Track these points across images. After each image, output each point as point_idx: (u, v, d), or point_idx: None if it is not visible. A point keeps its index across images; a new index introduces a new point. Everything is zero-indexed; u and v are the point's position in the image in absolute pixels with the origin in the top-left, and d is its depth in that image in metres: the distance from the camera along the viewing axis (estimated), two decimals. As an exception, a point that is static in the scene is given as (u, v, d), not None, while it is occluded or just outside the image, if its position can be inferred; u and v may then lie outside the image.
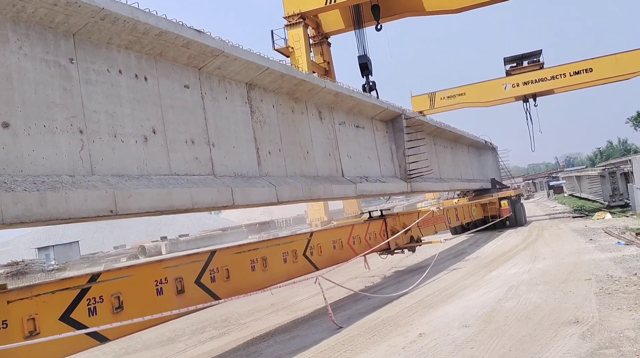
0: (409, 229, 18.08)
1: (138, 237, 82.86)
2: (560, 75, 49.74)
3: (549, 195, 78.45)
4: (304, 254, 12.69)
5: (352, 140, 15.76)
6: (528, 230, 29.24)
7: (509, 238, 26.48)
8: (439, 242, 17.90)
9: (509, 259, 18.69)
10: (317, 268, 12.97)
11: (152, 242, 61.60)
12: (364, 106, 16.16)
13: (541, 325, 9.33)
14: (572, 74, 49.32)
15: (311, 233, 13.26)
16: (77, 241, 75.01)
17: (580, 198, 55.53)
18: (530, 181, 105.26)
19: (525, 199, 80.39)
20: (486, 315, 10.65)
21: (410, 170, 18.14)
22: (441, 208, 19.76)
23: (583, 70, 48.91)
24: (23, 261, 53.51)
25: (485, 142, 33.48)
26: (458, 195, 33.37)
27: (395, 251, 17.95)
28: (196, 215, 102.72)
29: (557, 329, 8.96)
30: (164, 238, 60.96)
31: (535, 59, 52.29)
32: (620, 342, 7.90)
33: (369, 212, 18.07)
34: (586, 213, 37.18)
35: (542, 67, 51.05)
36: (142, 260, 45.92)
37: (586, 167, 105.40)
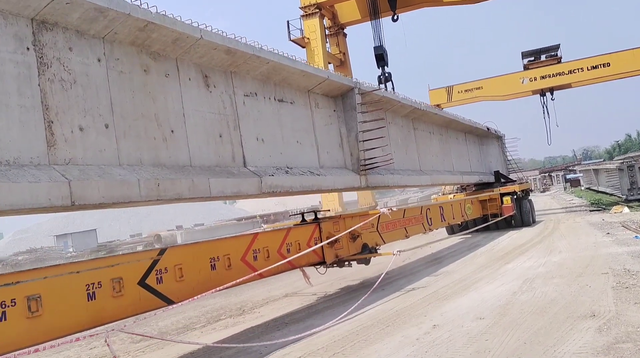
0: (357, 235, 12.88)
1: (154, 226, 79.52)
2: (578, 69, 44.73)
3: (565, 188, 73.80)
4: (142, 283, 7.54)
5: (270, 118, 10.68)
6: (537, 229, 23.85)
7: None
8: (390, 254, 12.49)
9: (524, 252, 16.92)
10: (170, 302, 7.89)
11: (168, 231, 57.37)
12: (289, 73, 10.97)
13: (557, 319, 8.57)
14: (589, 68, 44.31)
15: (162, 250, 8.04)
16: (95, 229, 71.82)
17: (598, 191, 51.88)
18: (546, 174, 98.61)
19: (541, 192, 75.76)
20: (501, 308, 9.76)
21: (365, 160, 13.00)
22: (395, 209, 14.10)
23: (601, 64, 43.64)
24: (42, 248, 50.82)
25: (488, 129, 26.98)
26: (457, 189, 27.47)
27: (345, 264, 12.92)
28: (211, 205, 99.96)
29: (573, 323, 8.25)
30: (179, 227, 57.96)
31: (553, 53, 47.38)
32: (638, 336, 7.22)
33: (302, 214, 12.95)
34: (603, 206, 33.90)
35: (559, 62, 46.08)
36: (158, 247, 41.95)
37: (604, 160, 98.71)
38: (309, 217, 12.62)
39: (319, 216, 12.59)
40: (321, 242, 11.71)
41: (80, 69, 6.99)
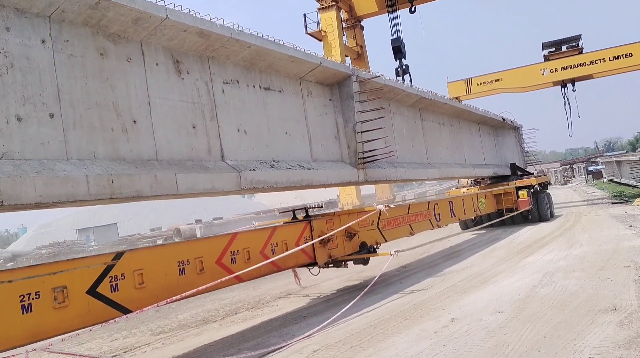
0: (354, 234, 11.85)
1: (173, 220, 78.72)
2: (600, 60, 43.30)
3: (587, 180, 71.73)
4: (93, 292, 6.58)
5: (254, 107, 9.66)
6: (555, 224, 22.64)
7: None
8: (387, 255, 11.43)
9: (545, 245, 16.68)
10: (126, 312, 6.93)
11: (187, 224, 56.49)
12: (275, 58, 9.91)
13: (577, 312, 8.33)
14: (611, 58, 42.89)
15: (118, 254, 7.05)
16: (116, 223, 71.75)
17: (620, 183, 50.63)
18: (568, 166, 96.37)
19: (562, 184, 73.97)
20: (520, 301, 9.59)
21: (364, 152, 11.96)
22: (392, 206, 13.02)
23: (623, 55, 42.08)
24: (64, 242, 50.47)
25: (504, 119, 25.49)
26: (471, 182, 26.11)
27: (341, 264, 11.90)
28: (229, 199, 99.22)
29: (594, 316, 7.98)
30: (198, 221, 56.99)
31: (574, 44, 45.90)
32: (660, 330, 6.98)
33: (293, 211, 11.93)
34: (626, 199, 32.86)
35: (581, 52, 44.52)
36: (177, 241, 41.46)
37: (627, 151, 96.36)
38: (301, 215, 11.64)
39: (311, 214, 11.62)
40: (312, 241, 10.74)
41: (19, 52, 6.06)
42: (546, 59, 45.77)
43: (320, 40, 40.20)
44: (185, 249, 8.25)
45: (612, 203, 31.01)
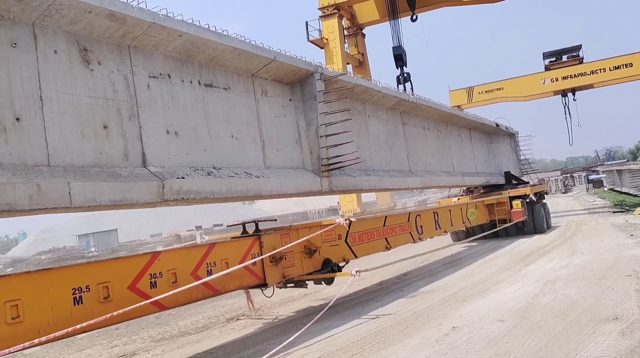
0: (314, 250, 10.62)
1: (174, 226, 78.41)
2: (600, 70, 43.29)
3: (588, 189, 70.55)
4: None
5: (190, 106, 8.36)
6: (551, 236, 21.27)
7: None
8: (348, 275, 10.29)
9: (546, 254, 16.37)
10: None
11: (187, 231, 55.93)
12: (217, 51, 8.59)
13: (579, 322, 8.20)
14: (611, 68, 42.85)
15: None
16: (116, 229, 70.80)
17: (621, 192, 50.10)
18: (568, 175, 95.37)
19: (563, 193, 72.96)
20: (522, 310, 9.37)
21: (329, 159, 10.76)
22: (354, 219, 11.64)
23: (623, 65, 42.18)
24: (64, 247, 49.82)
25: (498, 125, 23.82)
26: (463, 192, 24.37)
27: (303, 284, 10.78)
28: (230, 206, 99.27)
29: (596, 326, 7.87)
30: (198, 227, 56.51)
31: (574, 54, 46.13)
32: (662, 340, 6.77)
33: (243, 225, 10.66)
34: (627, 208, 32.19)
35: (581, 62, 44.49)
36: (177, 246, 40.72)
37: (628, 160, 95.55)
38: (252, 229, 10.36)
39: (262, 228, 10.31)
40: (261, 259, 9.42)
41: None
42: (547, 68, 45.78)
43: (322, 48, 39.86)
44: (83, 273, 6.76)
45: (613, 212, 30.51)
